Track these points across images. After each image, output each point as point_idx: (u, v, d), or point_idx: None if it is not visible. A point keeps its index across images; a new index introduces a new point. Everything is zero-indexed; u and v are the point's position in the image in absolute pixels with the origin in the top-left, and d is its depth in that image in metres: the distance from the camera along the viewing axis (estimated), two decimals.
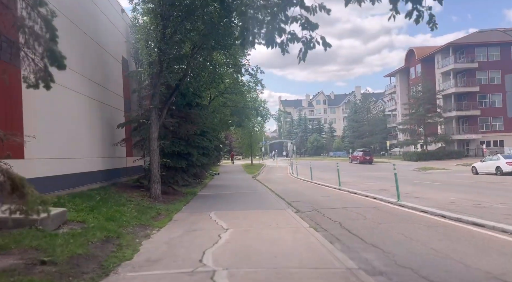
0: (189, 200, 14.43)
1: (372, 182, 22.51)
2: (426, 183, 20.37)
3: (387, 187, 18.80)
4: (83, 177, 12.88)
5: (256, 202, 13.50)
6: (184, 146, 14.86)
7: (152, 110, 13.46)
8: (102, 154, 14.94)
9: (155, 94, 13.36)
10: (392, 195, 14.68)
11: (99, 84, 14.97)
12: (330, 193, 16.57)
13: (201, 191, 18.61)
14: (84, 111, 13.38)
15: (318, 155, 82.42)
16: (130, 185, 16.31)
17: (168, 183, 15.02)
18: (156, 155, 13.46)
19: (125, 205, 11.27)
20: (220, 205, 12.98)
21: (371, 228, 8.47)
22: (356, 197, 14.55)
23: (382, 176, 29.15)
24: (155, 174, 13.48)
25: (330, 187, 19.49)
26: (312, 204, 13.00)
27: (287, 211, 11.15)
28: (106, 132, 15.54)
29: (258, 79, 24.96)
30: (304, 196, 15.89)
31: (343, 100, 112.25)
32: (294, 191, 18.41)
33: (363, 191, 16.39)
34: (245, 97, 26.64)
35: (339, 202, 13.19)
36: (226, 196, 15.92)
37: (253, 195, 16.09)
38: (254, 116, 30.77)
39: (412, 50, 63.78)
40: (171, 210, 11.62)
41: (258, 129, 48.56)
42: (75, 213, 8.67)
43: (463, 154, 51.06)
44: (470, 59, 52.20)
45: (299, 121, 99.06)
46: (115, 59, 17.45)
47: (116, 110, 16.83)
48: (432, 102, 52.39)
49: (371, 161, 51.64)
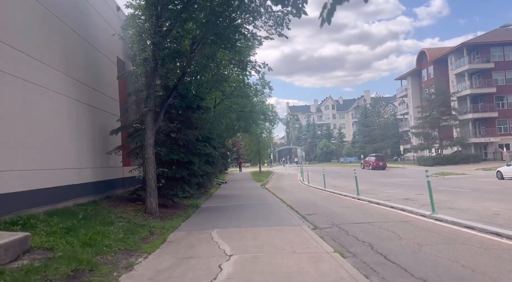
0: (190, 214, 12.78)
1: (392, 189, 20.67)
2: (453, 190, 18.46)
3: (410, 195, 16.98)
4: (68, 190, 11.32)
5: (266, 216, 11.79)
6: (184, 153, 13.25)
7: (146, 113, 11.89)
8: (93, 164, 13.39)
9: (149, 95, 11.80)
10: (420, 205, 12.90)
11: (89, 87, 13.48)
12: (348, 204, 14.78)
13: (205, 202, 16.96)
14: (71, 116, 11.86)
15: (328, 161, 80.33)
16: (126, 197, 14.72)
17: (166, 195, 13.41)
18: (151, 163, 11.86)
19: (113, 223, 9.65)
20: (224, 220, 11.29)
21: (412, 252, 6.71)
22: (380, 209, 12.75)
23: (400, 182, 27.29)
24: (150, 185, 11.86)
25: (347, 196, 17.71)
26: (330, 217, 11.25)
27: (303, 227, 9.43)
28: (98, 140, 14.01)
29: (265, 81, 23.38)
30: (319, 207, 14.14)
31: (352, 105, 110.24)
32: (307, 201, 16.66)
33: (386, 200, 14.61)
34: (252, 101, 25.04)
35: (361, 215, 11.42)
36: (232, 209, 14.24)
37: (262, 207, 14.39)
38: (262, 121, 29.04)
39: (424, 51, 61.90)
40: (166, 228, 9.97)
41: (266, 135, 46.93)
42: (44, 237, 7.06)
43: (480, 158, 48.80)
44: (486, 59, 50.14)
45: (307, 127, 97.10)
46: (109, 60, 16.00)
47: (111, 116, 15.30)
48: (446, 105, 50.37)
49: (385, 166, 49.60)
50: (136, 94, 14.06)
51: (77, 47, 12.85)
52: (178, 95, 13.49)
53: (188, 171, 13.44)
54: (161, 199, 13.61)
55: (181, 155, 13.07)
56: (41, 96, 10.11)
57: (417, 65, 64.40)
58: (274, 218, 11.27)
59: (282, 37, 13.73)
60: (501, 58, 50.48)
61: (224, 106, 22.35)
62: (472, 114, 50.15)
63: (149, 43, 11.09)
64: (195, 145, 13.64)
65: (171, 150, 13.13)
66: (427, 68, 61.16)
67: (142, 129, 12.44)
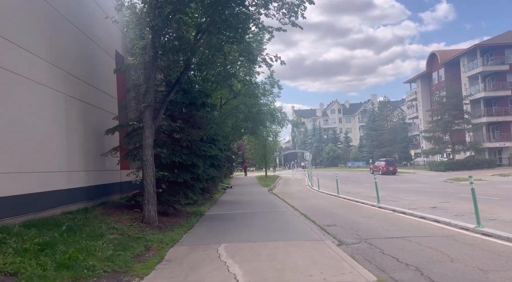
0: (193, 224, 11.33)
1: (411, 196, 19.12)
2: (481, 198, 16.82)
3: (435, 203, 15.44)
4: (56, 196, 9.93)
5: (281, 227, 10.31)
6: (187, 155, 11.82)
7: (145, 109, 10.51)
8: (86, 167, 12.02)
9: (148, 89, 10.42)
10: (454, 215, 11.42)
11: (83, 81, 12.14)
12: (369, 213, 13.27)
13: (209, 209, 15.51)
14: (59, 112, 10.50)
15: (334, 166, 78.58)
16: (122, 204, 13.31)
17: (167, 201, 11.98)
18: (150, 166, 10.45)
19: (103, 235, 8.24)
20: (232, 231, 9.83)
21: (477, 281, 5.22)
22: (409, 219, 11.22)
23: (416, 188, 25.68)
24: (148, 191, 10.45)
25: (365, 203, 16.19)
26: (354, 229, 9.76)
27: (326, 242, 7.94)
28: (92, 140, 12.65)
29: (274, 80, 21.97)
30: (337, 216, 12.65)
31: (358, 109, 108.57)
32: (322, 208, 15.16)
33: (411, 209, 13.08)
34: (260, 101, 23.60)
35: (390, 227, 9.92)
36: (240, 217, 12.78)
37: (274, 215, 12.92)
38: (270, 123, 27.55)
39: (435, 54, 60.30)
40: (166, 241, 8.53)
41: (272, 139, 45.47)
42: (10, 257, 5.65)
43: (495, 163, 46.96)
44: (500, 61, 48.44)
45: (313, 131, 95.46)
46: (107, 53, 14.67)
47: (107, 114, 13.94)
48: (459, 108, 48.67)
49: (395, 171, 47.85)
50: (135, 90, 12.68)
51: (69, 37, 11.53)
52: (181, 90, 12.10)
53: (191, 174, 12.01)
54: (161, 206, 12.20)
55: (183, 157, 11.65)
56: (24, 88, 8.75)
57: (427, 68, 62.73)
58: (290, 230, 9.80)
59: (296, 27, 12.34)
60: None
61: (230, 106, 20.93)
62: (486, 118, 48.37)
63: (148, 29, 9.71)
64: (199, 146, 12.22)
65: (172, 151, 11.72)
66: (438, 70, 59.48)
67: (141, 129, 11.05)
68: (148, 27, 9.57)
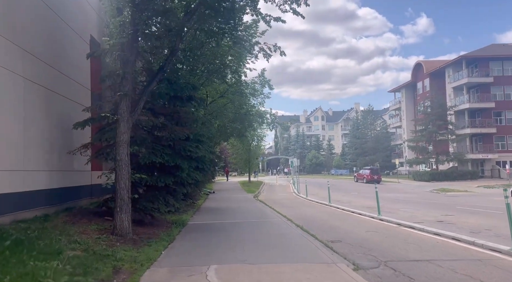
0: (174, 236, 9.64)
1: (406, 207, 17.99)
2: (482, 211, 15.79)
3: (436, 215, 14.30)
4: (4, 200, 8.11)
5: (278, 242, 8.77)
6: (170, 155, 10.16)
7: (121, 99, 8.83)
8: (49, 166, 10.20)
9: (126, 75, 8.77)
10: (470, 232, 10.15)
11: (49, 65, 10.38)
12: (372, 226, 11.89)
13: (192, 217, 13.83)
14: (15, 98, 8.72)
15: (317, 173, 77.62)
16: (92, 210, 11.50)
17: (144, 209, 10.26)
18: (124, 167, 8.75)
19: (60, 252, 6.51)
20: (223, 248, 8.22)
21: None
22: (423, 236, 9.85)
23: (407, 198, 24.70)
24: (122, 196, 8.74)
25: (362, 214, 14.84)
26: (365, 248, 8.32)
27: (340, 266, 6.45)
28: (58, 135, 10.85)
29: (265, 79, 20.49)
30: (338, 230, 11.21)
31: (341, 117, 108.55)
32: (318, 220, 13.71)
33: (416, 223, 11.79)
34: (249, 101, 22.04)
35: (407, 246, 8.52)
36: (230, 228, 11.17)
37: (267, 227, 11.38)
38: (259, 125, 26.00)
39: (420, 64, 60.39)
40: (140, 261, 6.85)
41: (256, 143, 43.96)
42: None
43: (477, 174, 46.90)
44: (485, 73, 48.67)
45: (296, 138, 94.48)
46: (80, 37, 12.89)
47: (78, 107, 12.11)
48: (443, 119, 48.51)
49: (379, 180, 47.08)
50: (110, 79, 10.92)
51: (32, 11, 9.76)
52: (165, 80, 10.45)
53: (174, 178, 10.34)
54: (137, 213, 10.48)
55: (166, 157, 9.98)
56: None
57: (412, 78, 62.80)
58: (291, 247, 8.26)
59: (297, 15, 10.94)
60: (500, 72, 49.12)
61: (218, 104, 19.32)
62: (470, 129, 48.37)
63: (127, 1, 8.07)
64: (184, 145, 10.57)
65: (153, 150, 10.02)
66: (423, 80, 59.55)
67: (115, 123, 9.33)
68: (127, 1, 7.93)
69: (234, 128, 20.13)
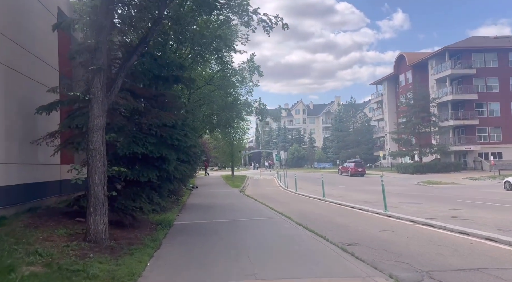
0: (161, 241, 8.09)
1: (404, 200, 17.08)
2: (489, 205, 14.88)
3: (444, 210, 13.30)
4: None
5: (288, 249, 7.36)
6: (155, 144, 8.55)
7: (94, 76, 7.17)
8: (6, 158, 8.43)
9: (99, 46, 7.11)
10: (498, 229, 9.03)
11: (9, 39, 8.55)
12: (383, 223, 10.66)
13: (179, 216, 12.26)
14: None
15: (300, 166, 76.77)
16: (61, 210, 9.79)
17: (124, 209, 8.64)
18: (99, 159, 7.12)
19: (13, 269, 4.91)
20: (221, 256, 6.75)
21: None
22: (449, 236, 8.62)
23: (399, 191, 23.89)
24: (96, 194, 7.12)
25: (365, 210, 13.66)
26: (390, 252, 7.02)
27: (378, 281, 5.10)
28: (17, 121, 9.07)
29: (254, 64, 18.94)
30: (348, 229, 9.92)
31: (322, 111, 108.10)
32: (320, 217, 12.38)
33: (430, 219, 10.66)
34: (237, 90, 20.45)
35: (441, 250, 7.24)
36: (225, 229, 9.68)
37: (267, 227, 9.97)
38: (249, 114, 24.36)
39: (403, 56, 60.02)
40: (120, 278, 5.32)
41: (240, 136, 42.42)
42: None
43: (460, 166, 47.00)
44: (468, 65, 48.61)
45: (278, 131, 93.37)
46: (46, 9, 11.01)
47: (44, 88, 10.27)
48: (427, 111, 48.28)
49: (364, 173, 46.64)
50: (81, 55, 9.17)
51: None
52: (148, 55, 8.80)
53: (159, 172, 8.74)
54: (115, 214, 8.86)
55: (149, 147, 8.37)
56: None
57: (394, 70, 62.47)
58: (307, 254, 6.84)
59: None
60: (482, 64, 49.20)
61: (203, 92, 17.60)
62: (453, 121, 48.30)
63: None
64: (171, 133, 8.97)
65: (133, 138, 8.39)
66: (405, 73, 59.28)
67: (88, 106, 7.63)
68: None
69: (222, 117, 18.52)
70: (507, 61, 49.12)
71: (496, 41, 52.95)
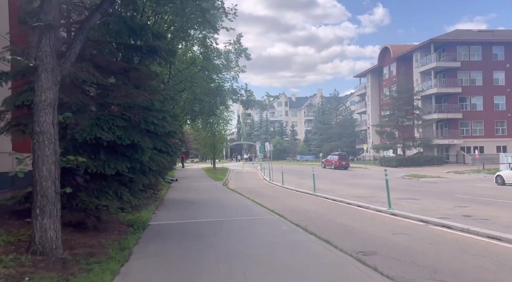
0: (131, 250, 6.42)
1: (400, 196, 15.79)
2: (490, 201, 13.84)
3: (449, 207, 12.10)
4: None
5: (294, 261, 5.85)
6: (124, 129, 6.84)
7: (41, 35, 5.43)
8: None
9: None
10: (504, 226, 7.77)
11: None
12: (391, 224, 9.32)
13: (155, 214, 10.57)
14: None
15: (282, 159, 75.61)
16: (7, 209, 7.99)
17: (85, 207, 6.92)
18: (48, 144, 5.42)
19: None
20: (210, 273, 5.17)
21: None
22: (478, 242, 7.32)
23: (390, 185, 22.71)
24: (44, 191, 5.44)
25: (364, 207, 12.36)
26: (424, 266, 5.64)
27: None
28: None
29: (241, 47, 17.23)
30: (354, 231, 8.52)
31: (304, 103, 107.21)
32: (316, 216, 10.94)
33: (442, 218, 9.41)
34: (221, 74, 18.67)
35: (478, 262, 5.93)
36: (210, 232, 8.09)
37: (260, 230, 8.43)
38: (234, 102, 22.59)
39: (387, 48, 59.37)
40: None
41: (222, 127, 40.66)
42: None
43: (443, 160, 46.82)
44: (452, 58, 48.25)
45: (260, 123, 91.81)
46: None
47: None
48: (411, 104, 47.75)
49: (348, 166, 45.78)
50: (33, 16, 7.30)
51: None
52: (114, 14, 7.02)
53: (130, 162, 7.03)
54: (74, 214, 7.12)
55: (117, 131, 6.64)
56: None
57: (378, 62, 61.83)
58: (319, 270, 5.35)
59: None
60: (466, 57, 48.97)
61: (184, 75, 15.74)
62: (437, 115, 47.98)
63: None
64: (145, 116, 7.27)
65: (97, 120, 6.64)
66: (389, 65, 58.68)
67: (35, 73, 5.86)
68: None
69: (205, 104, 16.75)
70: (490, 55, 49.04)
71: (481, 35, 52.87)
